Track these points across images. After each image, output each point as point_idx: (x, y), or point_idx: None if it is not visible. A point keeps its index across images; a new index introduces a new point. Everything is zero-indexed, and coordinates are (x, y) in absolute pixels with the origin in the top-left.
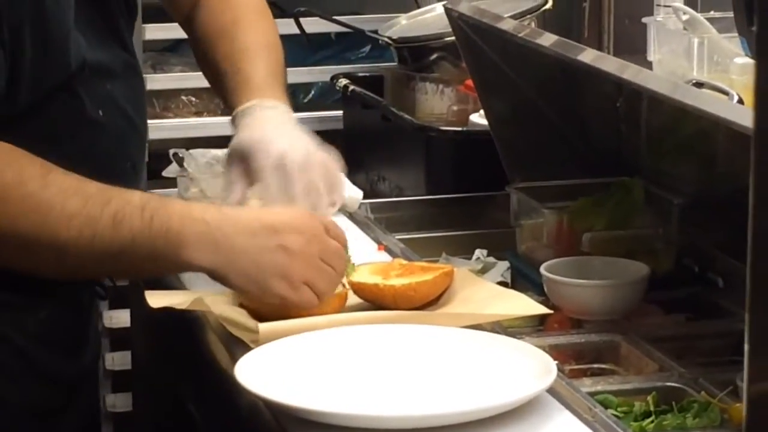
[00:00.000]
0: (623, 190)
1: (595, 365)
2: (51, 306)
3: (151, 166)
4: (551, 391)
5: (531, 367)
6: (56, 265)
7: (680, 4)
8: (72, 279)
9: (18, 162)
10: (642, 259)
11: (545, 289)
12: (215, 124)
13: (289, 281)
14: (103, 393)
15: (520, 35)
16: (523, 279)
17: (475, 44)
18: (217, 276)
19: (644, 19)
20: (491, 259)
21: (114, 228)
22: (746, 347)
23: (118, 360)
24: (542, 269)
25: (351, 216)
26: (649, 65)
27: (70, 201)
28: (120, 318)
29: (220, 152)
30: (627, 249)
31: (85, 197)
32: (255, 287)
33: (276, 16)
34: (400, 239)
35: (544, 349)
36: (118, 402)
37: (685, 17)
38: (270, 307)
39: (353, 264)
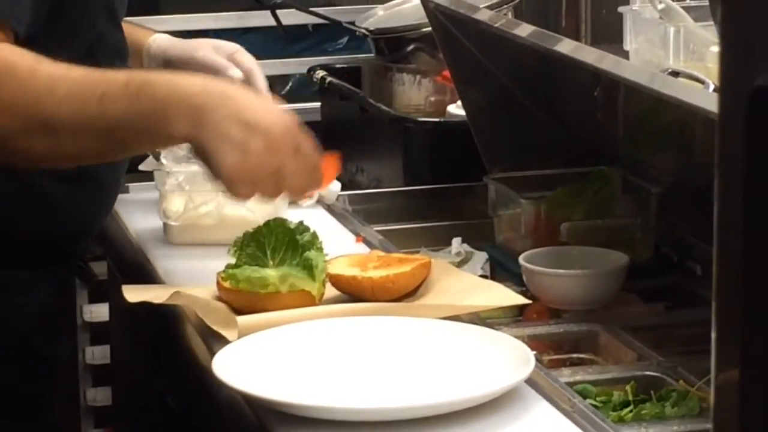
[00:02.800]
0: (601, 179)
1: (574, 355)
2: (42, 286)
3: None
4: (530, 381)
5: (509, 358)
6: (54, 147)
7: None
8: (70, 163)
9: (10, 54)
10: (620, 249)
11: (524, 279)
12: None
13: (236, 178)
14: (84, 387)
15: (496, 26)
16: (502, 270)
17: (451, 35)
18: (193, 146)
19: (620, 9)
20: (469, 249)
21: (102, 108)
22: (713, 335)
23: (98, 354)
24: (521, 259)
25: (329, 208)
26: (625, 54)
27: (58, 88)
28: (99, 312)
29: None
30: (605, 238)
31: (70, 82)
32: (213, 161)
33: (253, 8)
34: (378, 231)
35: (522, 340)
36: (98, 396)
37: (660, 6)
38: (248, 301)
39: (325, 254)
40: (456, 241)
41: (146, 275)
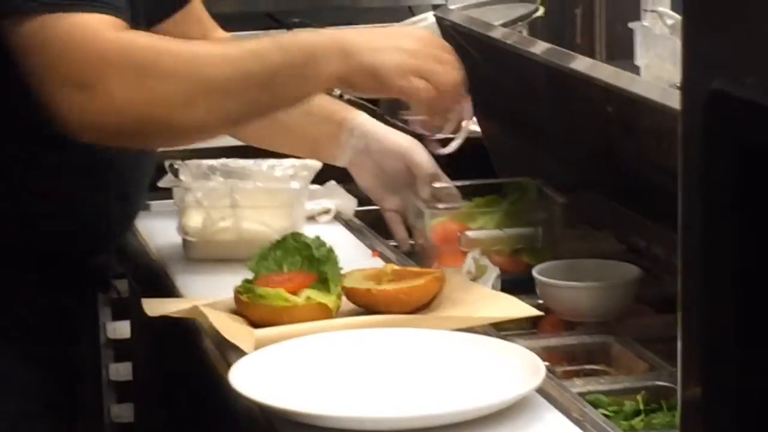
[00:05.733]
0: (518, 190)
1: (587, 366)
2: (51, 296)
3: None
4: (541, 391)
5: (520, 368)
6: (215, 111)
7: (665, 9)
8: (223, 129)
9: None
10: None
11: (538, 291)
12: None
13: (404, 74)
14: (108, 404)
15: (510, 43)
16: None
17: (466, 53)
18: (343, 81)
19: (630, 24)
20: (483, 263)
21: (261, 61)
22: (679, 344)
23: (121, 371)
24: (534, 272)
25: (346, 223)
26: (637, 69)
27: (212, 55)
28: (123, 329)
29: (216, 162)
30: (507, 248)
31: (220, 49)
32: (376, 83)
33: (270, 27)
34: (394, 245)
35: (536, 352)
36: (122, 412)
37: (670, 22)
38: (265, 314)
39: (341, 268)
40: (469, 256)
41: (166, 290)
